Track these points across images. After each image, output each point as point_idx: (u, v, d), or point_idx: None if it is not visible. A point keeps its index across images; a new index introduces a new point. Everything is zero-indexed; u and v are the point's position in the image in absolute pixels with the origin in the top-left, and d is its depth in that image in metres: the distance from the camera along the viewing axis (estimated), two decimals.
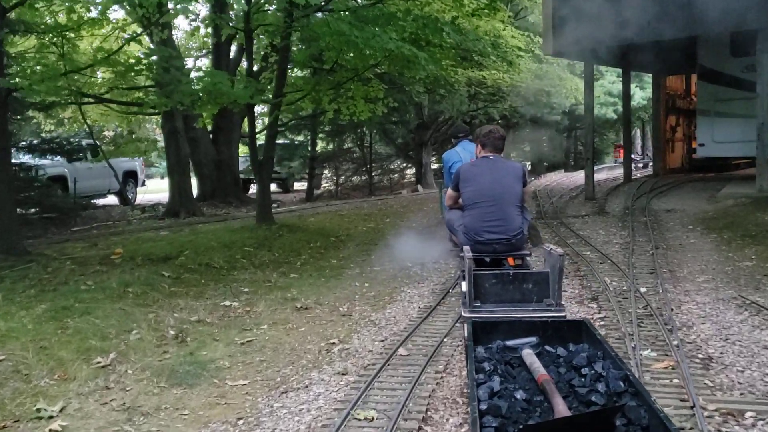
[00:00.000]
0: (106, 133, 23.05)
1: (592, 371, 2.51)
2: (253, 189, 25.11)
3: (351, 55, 9.50)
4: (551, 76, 17.80)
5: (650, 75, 24.92)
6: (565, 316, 3.79)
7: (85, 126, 15.11)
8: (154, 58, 8.68)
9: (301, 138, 20.36)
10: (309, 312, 5.57)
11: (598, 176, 21.84)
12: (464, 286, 4.13)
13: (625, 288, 5.77)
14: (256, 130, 15.35)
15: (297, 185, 25.14)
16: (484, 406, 2.22)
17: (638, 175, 18.84)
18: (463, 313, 4.07)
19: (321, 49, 9.19)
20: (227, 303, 5.77)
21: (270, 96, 10.38)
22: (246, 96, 8.14)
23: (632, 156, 27.35)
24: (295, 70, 12.54)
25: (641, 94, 24.47)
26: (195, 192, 17.09)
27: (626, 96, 15.75)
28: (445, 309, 5.41)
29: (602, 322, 4.74)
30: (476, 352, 2.78)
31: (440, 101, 20.94)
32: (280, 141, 21.08)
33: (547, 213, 11.41)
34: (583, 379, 2.49)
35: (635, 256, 7.18)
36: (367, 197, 19.55)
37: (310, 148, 19.45)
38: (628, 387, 2.34)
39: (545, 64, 17.68)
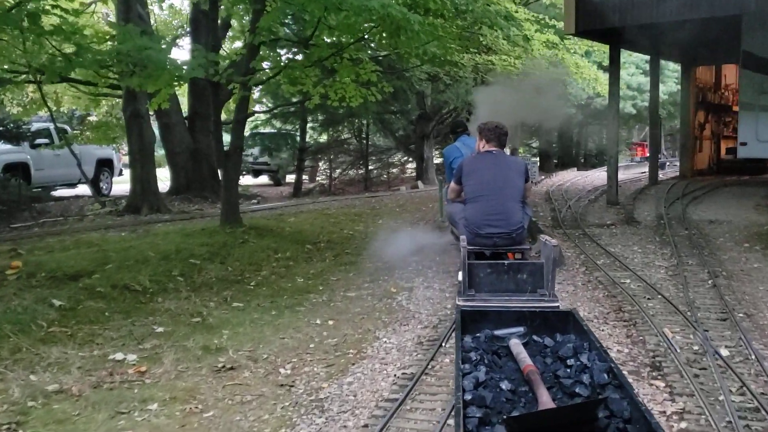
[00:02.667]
0: (92, 118, 21.33)
1: (578, 362, 2.46)
2: (242, 181, 23.46)
3: (333, 22, 7.71)
4: (567, 64, 15.91)
5: (661, 67, 23.20)
6: (558, 307, 3.69)
7: (46, 108, 13.39)
8: None
9: (289, 127, 18.51)
10: (233, 375, 3.81)
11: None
12: (460, 275, 4.14)
13: (696, 348, 4.00)
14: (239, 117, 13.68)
15: (291, 178, 23.34)
16: (468, 397, 2.18)
17: (660, 176, 17.02)
18: (457, 302, 4.08)
19: (298, 8, 7.38)
20: (120, 356, 4.01)
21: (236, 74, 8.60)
22: (193, 71, 6.36)
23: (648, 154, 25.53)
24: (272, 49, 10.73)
25: (663, 88, 22.49)
26: (168, 185, 15.47)
27: (654, 86, 13.89)
28: (434, 381, 3.64)
29: (684, 424, 2.96)
30: (464, 341, 2.72)
31: (444, 90, 19.13)
32: (266, 130, 19.32)
33: (566, 220, 9.63)
34: (568, 370, 2.42)
35: (692, 288, 5.42)
36: (362, 193, 17.78)
37: (299, 139, 17.59)
38: (611, 379, 2.29)
39: (560, 51, 15.79)
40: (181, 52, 22.45)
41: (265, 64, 10.04)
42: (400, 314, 4.96)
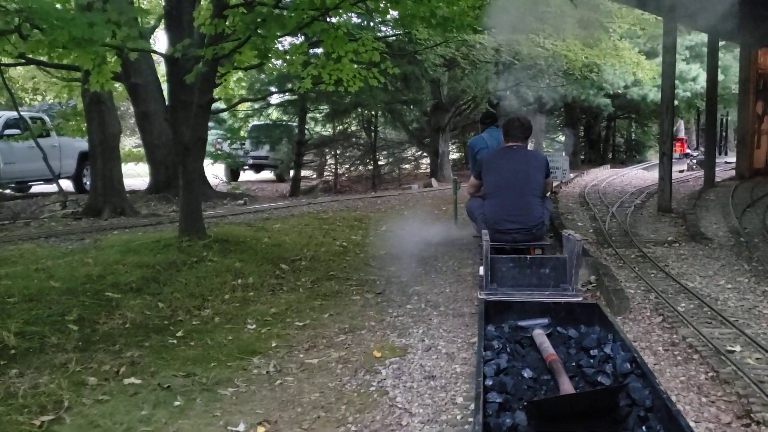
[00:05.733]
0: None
1: (601, 353, 2.40)
2: (243, 177, 21.60)
3: None
4: (604, 46, 13.83)
5: (700, 53, 20.92)
6: (581, 300, 3.48)
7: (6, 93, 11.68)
8: None
9: (286, 118, 16.58)
10: None
11: (649, 175, 17.90)
12: (481, 269, 4.02)
13: None
14: (224, 106, 11.78)
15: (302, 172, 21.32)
16: (489, 382, 2.16)
17: (689, 175, 14.88)
18: (479, 295, 3.95)
19: None
20: None
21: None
22: (100, 30, 4.47)
23: (687, 151, 23.34)
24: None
25: (705, 77, 20.29)
26: (147, 183, 13.67)
27: (713, 69, 11.74)
28: None
29: None
30: (486, 330, 2.66)
31: (462, 78, 17.12)
32: (259, 122, 17.42)
33: (614, 235, 7.63)
34: (591, 360, 2.38)
35: None
36: (368, 192, 15.86)
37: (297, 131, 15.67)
38: (634, 368, 2.23)
39: (595, 29, 13.71)
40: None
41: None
42: (379, 415, 3.02)
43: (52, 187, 12.74)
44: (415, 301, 5.21)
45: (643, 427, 1.91)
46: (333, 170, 18.62)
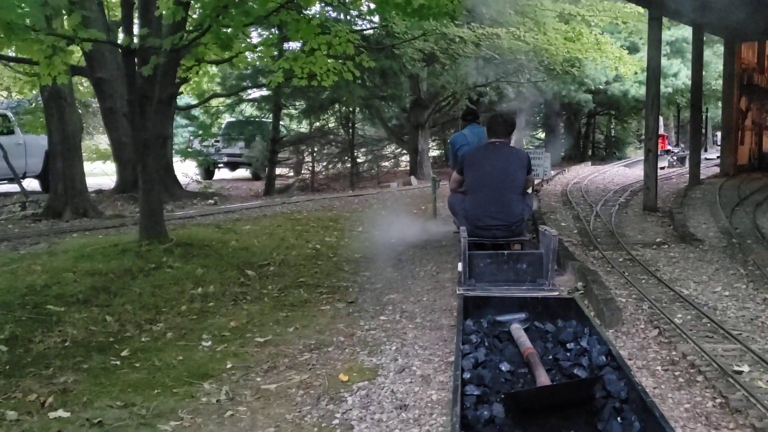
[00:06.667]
0: None
1: (578, 346, 2.42)
2: (218, 175, 20.99)
3: None
4: (585, 41, 13.48)
5: (682, 49, 20.72)
6: (558, 295, 3.61)
7: None
8: None
9: (258, 114, 16.02)
10: None
11: (631, 172, 17.65)
12: (460, 265, 4.06)
13: None
14: (193, 102, 11.29)
15: (278, 170, 20.72)
16: (467, 375, 2.18)
17: (672, 172, 14.65)
18: (458, 291, 3.97)
19: None
20: None
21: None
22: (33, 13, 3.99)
23: (668, 147, 23.19)
24: None
25: (686, 72, 20.09)
26: (114, 182, 13.11)
27: (698, 63, 11.42)
28: None
29: None
30: (465, 325, 2.69)
31: (441, 73, 16.70)
32: (233, 119, 16.87)
33: (599, 236, 7.28)
34: (568, 354, 2.39)
35: None
36: (347, 191, 15.40)
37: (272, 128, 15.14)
38: (609, 361, 2.25)
39: (577, 23, 13.34)
40: None
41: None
42: None
43: (17, 187, 12.16)
44: (390, 312, 4.80)
45: (618, 418, 1.92)
46: (310, 168, 18.12)
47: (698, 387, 3.12)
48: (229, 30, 6.12)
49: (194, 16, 7.85)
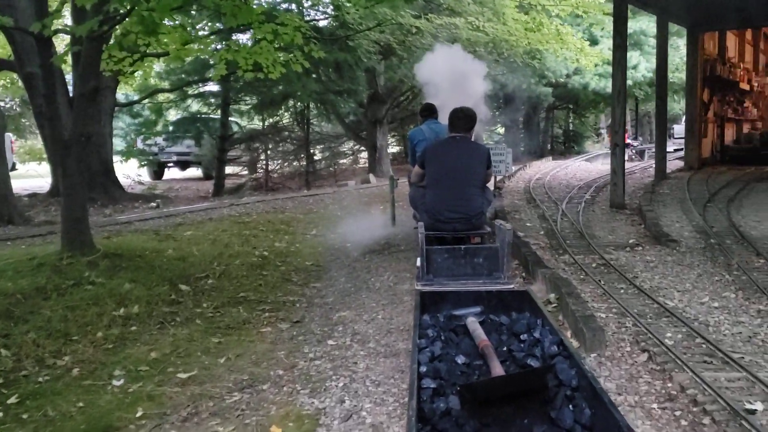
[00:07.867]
0: None
1: (531, 337, 2.50)
2: (168, 175, 20.04)
3: None
4: (546, 32, 13.04)
5: (642, 42, 20.55)
6: (512, 288, 3.63)
7: None
8: None
9: (205, 110, 15.16)
10: None
11: (593, 167, 17.36)
12: (418, 261, 4.10)
13: None
14: (134, 98, 10.45)
15: (228, 169, 19.82)
16: (424, 369, 2.21)
17: (635, 166, 14.35)
18: (415, 287, 3.94)
19: None
20: None
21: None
22: None
23: (628, 141, 23.05)
24: None
25: (645, 65, 19.90)
26: (48, 183, 12.17)
27: (662, 50, 11.02)
28: None
29: None
30: (422, 320, 2.72)
31: (399, 67, 16.10)
32: (178, 115, 15.98)
33: (567, 237, 6.76)
34: (521, 345, 2.47)
35: None
36: (302, 190, 14.69)
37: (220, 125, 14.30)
38: (561, 350, 2.30)
39: (537, 12, 12.87)
40: None
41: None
42: None
43: None
44: (340, 334, 4.19)
45: (570, 406, 1.95)
46: (264, 167, 17.33)
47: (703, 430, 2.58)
48: (154, 13, 5.40)
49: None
